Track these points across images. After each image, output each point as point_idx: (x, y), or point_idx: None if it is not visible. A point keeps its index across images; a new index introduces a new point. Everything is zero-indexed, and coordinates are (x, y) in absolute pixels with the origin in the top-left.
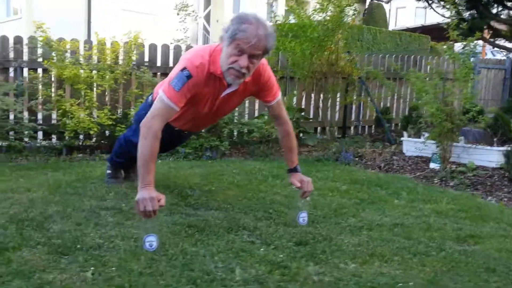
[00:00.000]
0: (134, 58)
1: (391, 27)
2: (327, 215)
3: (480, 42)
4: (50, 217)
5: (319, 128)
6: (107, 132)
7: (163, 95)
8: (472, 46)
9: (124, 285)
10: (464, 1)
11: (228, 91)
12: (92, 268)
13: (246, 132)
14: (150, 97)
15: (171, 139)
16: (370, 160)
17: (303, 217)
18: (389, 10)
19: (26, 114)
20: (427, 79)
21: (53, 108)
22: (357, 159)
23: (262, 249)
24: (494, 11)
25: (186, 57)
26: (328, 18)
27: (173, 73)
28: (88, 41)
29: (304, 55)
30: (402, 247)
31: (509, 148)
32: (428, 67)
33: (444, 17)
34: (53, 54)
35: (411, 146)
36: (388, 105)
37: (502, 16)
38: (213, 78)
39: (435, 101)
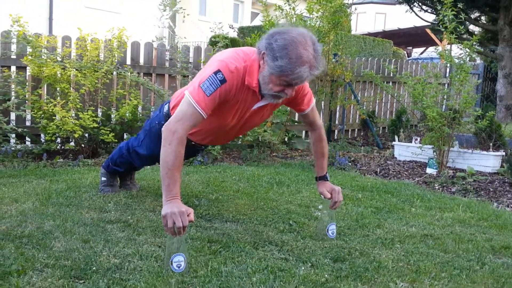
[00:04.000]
0: (117, 56)
1: (352, 31)
2: (351, 226)
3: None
4: (49, 232)
5: (303, 132)
6: (87, 135)
7: (190, 98)
8: (468, 50)
9: None
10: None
11: (261, 104)
12: None
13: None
14: (166, 106)
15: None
16: (365, 165)
17: (332, 230)
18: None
19: None
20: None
21: (32, 109)
22: (350, 164)
23: (300, 268)
24: (472, 16)
25: (219, 58)
26: (324, 16)
27: (203, 75)
28: (67, 37)
29: None
30: (444, 261)
31: (504, 153)
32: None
33: (425, 21)
34: (29, 50)
35: (404, 150)
36: (371, 109)
37: (481, 22)
38: (246, 88)
39: (435, 105)
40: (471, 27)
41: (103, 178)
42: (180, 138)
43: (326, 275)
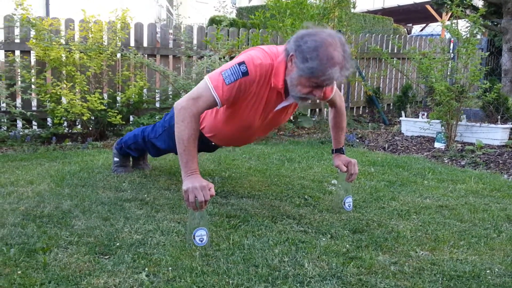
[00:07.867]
0: (121, 37)
1: (351, 9)
2: (366, 199)
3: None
4: (68, 212)
5: (309, 110)
6: (93, 118)
7: (208, 82)
8: (474, 23)
9: None
10: None
11: (284, 104)
12: (146, 269)
13: None
14: None
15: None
16: (373, 141)
17: (348, 203)
18: None
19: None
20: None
21: (38, 92)
22: (357, 140)
23: (320, 239)
24: None
25: (247, 53)
26: None
27: (227, 65)
28: (70, 20)
29: None
30: (461, 230)
31: None
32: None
33: None
34: (33, 34)
35: (411, 126)
36: (376, 85)
37: None
38: (270, 87)
39: (443, 79)
40: (474, 1)
41: (116, 159)
42: (193, 115)
43: (347, 245)
